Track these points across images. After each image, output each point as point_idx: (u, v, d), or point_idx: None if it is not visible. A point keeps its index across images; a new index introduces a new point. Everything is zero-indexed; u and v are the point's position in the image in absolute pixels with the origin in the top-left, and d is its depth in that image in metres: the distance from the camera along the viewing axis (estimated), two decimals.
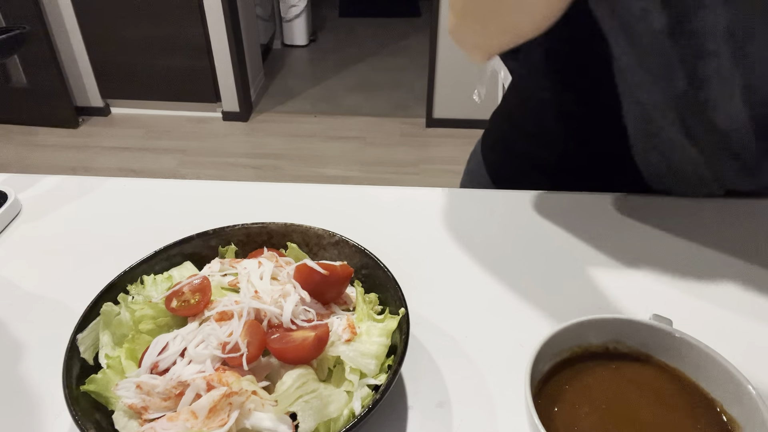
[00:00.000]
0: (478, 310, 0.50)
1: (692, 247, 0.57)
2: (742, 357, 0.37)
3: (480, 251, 0.57)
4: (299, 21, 4.08)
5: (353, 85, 3.63)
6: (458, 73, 2.91)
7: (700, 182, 0.61)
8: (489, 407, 0.41)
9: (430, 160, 2.84)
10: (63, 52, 2.98)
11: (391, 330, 0.40)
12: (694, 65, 0.48)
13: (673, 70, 0.49)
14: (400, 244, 0.57)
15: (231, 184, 0.67)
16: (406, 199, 0.65)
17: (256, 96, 3.39)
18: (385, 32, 4.45)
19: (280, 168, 2.80)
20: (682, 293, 0.52)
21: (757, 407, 0.31)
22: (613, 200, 0.63)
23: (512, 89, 0.74)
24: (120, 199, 0.65)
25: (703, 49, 0.46)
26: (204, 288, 0.41)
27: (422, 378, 0.44)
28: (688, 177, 0.61)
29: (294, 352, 0.38)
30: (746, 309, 0.50)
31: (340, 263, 0.44)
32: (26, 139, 2.99)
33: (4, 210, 0.60)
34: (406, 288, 0.43)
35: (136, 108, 3.23)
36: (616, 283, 0.53)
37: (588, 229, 0.59)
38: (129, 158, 2.88)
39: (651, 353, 0.37)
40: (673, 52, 0.48)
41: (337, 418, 0.36)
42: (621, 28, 0.49)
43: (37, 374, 0.44)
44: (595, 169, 0.66)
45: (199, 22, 2.87)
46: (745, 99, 0.49)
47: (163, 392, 0.36)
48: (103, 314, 0.41)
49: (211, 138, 3.06)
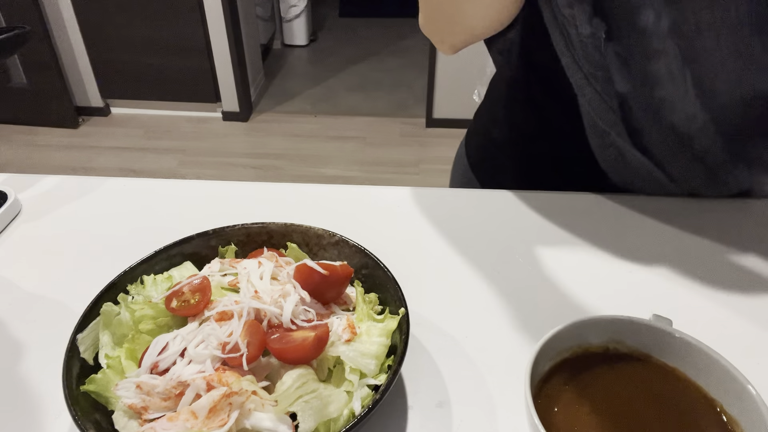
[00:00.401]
0: (478, 310, 0.50)
1: (692, 247, 0.57)
2: (742, 357, 0.37)
3: (480, 251, 0.57)
4: (299, 21, 4.08)
5: (353, 85, 3.63)
6: (458, 73, 2.91)
7: (657, 183, 0.61)
8: (489, 407, 0.41)
9: (430, 160, 2.84)
10: (63, 52, 2.98)
11: (391, 330, 0.40)
12: (643, 65, 0.48)
13: (612, 72, 0.50)
14: (400, 244, 0.57)
15: (231, 184, 0.67)
16: (406, 199, 0.65)
17: (256, 96, 3.39)
18: (385, 32, 4.45)
19: (280, 168, 2.80)
20: (682, 293, 0.52)
21: (757, 407, 0.31)
22: (613, 200, 0.63)
23: (493, 83, 0.75)
24: (120, 199, 0.65)
25: (650, 48, 0.47)
26: (204, 288, 0.41)
27: (422, 378, 0.44)
28: (644, 176, 0.61)
29: (294, 352, 0.38)
30: (746, 309, 0.50)
31: (340, 263, 0.44)
32: (26, 139, 2.99)
33: (4, 210, 0.60)
34: (406, 288, 0.43)
35: (136, 108, 3.23)
36: (616, 283, 0.53)
37: (588, 229, 0.59)
38: (129, 158, 2.88)
39: (651, 353, 0.37)
40: (611, 54, 0.48)
41: (337, 418, 0.36)
42: (558, 30, 0.52)
43: (37, 374, 0.44)
44: (570, 165, 0.67)
45: (199, 22, 2.87)
46: (701, 99, 0.49)
47: (163, 392, 0.36)
48: (103, 314, 0.40)
49: (211, 138, 3.06)
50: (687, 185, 0.61)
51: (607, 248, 0.57)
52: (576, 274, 0.54)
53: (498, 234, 0.59)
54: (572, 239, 0.58)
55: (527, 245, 0.58)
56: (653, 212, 0.61)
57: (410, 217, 0.62)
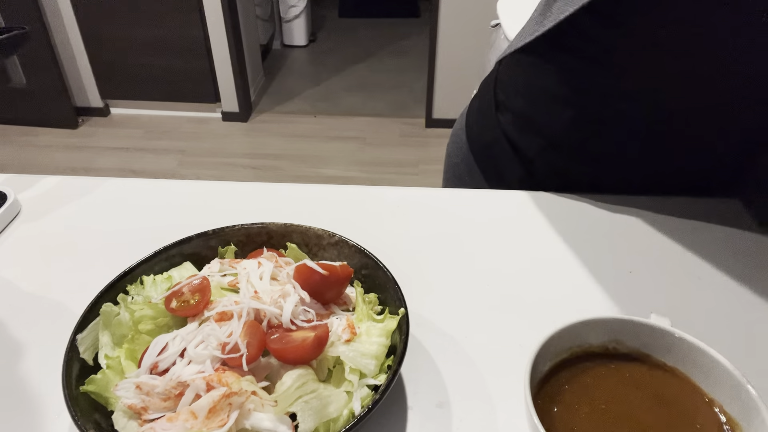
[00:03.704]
0: (478, 310, 0.50)
1: (692, 247, 0.57)
2: (742, 357, 0.37)
3: (480, 251, 0.57)
4: (299, 21, 4.08)
5: (353, 86, 3.63)
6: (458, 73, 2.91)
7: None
8: (489, 407, 0.41)
9: (430, 160, 2.84)
10: (62, 52, 2.98)
11: (391, 330, 0.40)
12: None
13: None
14: (400, 244, 0.57)
15: (231, 184, 0.67)
16: (406, 199, 0.65)
17: (255, 96, 3.39)
18: (385, 32, 4.45)
19: (279, 168, 2.80)
20: (682, 293, 0.52)
21: (757, 407, 0.31)
22: (612, 200, 0.63)
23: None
24: (120, 200, 0.65)
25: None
26: (203, 288, 0.41)
27: (422, 378, 0.44)
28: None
29: (294, 353, 0.38)
30: (746, 309, 0.50)
31: (339, 263, 0.44)
32: (26, 139, 2.99)
33: (3, 210, 0.60)
34: (406, 288, 0.43)
35: (136, 108, 3.23)
36: (616, 283, 0.53)
37: (588, 229, 0.59)
38: (129, 158, 2.88)
39: (651, 353, 0.37)
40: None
41: (337, 418, 0.36)
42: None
43: (36, 374, 0.44)
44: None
45: (199, 22, 2.87)
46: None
47: (163, 393, 0.36)
48: (103, 314, 0.40)
49: (210, 138, 3.06)
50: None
51: (607, 248, 0.57)
52: (576, 274, 0.54)
53: (498, 234, 0.59)
54: (572, 239, 0.58)
55: (527, 245, 0.58)
56: (653, 212, 0.61)
57: (410, 217, 0.62)
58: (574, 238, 0.58)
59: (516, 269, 0.54)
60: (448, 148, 0.86)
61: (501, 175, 0.72)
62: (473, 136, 0.77)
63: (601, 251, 0.57)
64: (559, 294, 0.51)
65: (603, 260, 0.55)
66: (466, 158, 0.78)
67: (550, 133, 0.65)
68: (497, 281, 0.53)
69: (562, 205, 0.63)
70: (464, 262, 0.55)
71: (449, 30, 2.81)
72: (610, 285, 0.52)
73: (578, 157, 0.65)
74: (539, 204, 0.63)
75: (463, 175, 0.79)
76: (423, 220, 0.62)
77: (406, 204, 0.64)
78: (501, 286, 0.52)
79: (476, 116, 0.77)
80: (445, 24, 2.80)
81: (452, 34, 2.81)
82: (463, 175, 0.80)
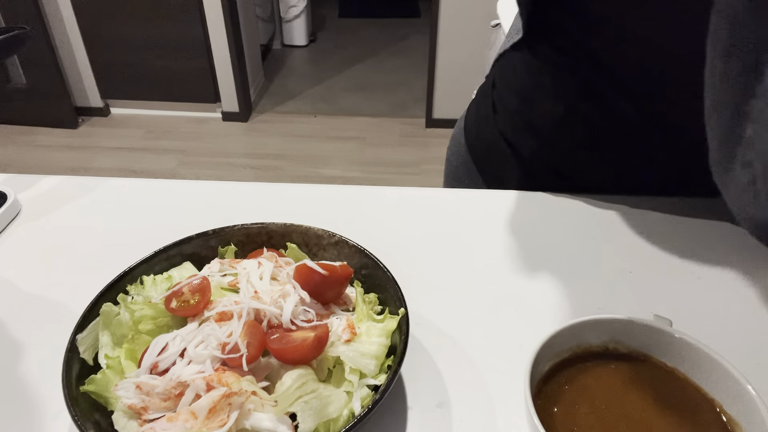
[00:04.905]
0: (478, 310, 0.50)
1: (692, 247, 0.57)
2: (742, 357, 0.37)
3: (480, 251, 0.57)
4: (299, 21, 4.08)
5: (353, 86, 3.63)
6: (458, 73, 2.91)
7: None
8: (489, 407, 0.41)
9: (430, 160, 2.85)
10: (62, 52, 2.98)
11: (391, 330, 0.40)
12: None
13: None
14: (400, 244, 0.57)
15: (231, 184, 0.67)
16: (406, 199, 0.65)
17: (255, 96, 3.39)
18: (385, 32, 4.45)
19: (279, 168, 2.80)
20: (682, 293, 0.52)
21: (757, 407, 0.31)
22: (612, 200, 0.63)
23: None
24: (120, 200, 0.65)
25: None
26: (203, 288, 0.41)
27: (422, 378, 0.44)
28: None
29: (294, 353, 0.38)
30: (746, 309, 0.50)
31: (339, 263, 0.44)
32: (26, 139, 2.99)
33: (3, 210, 0.60)
34: (406, 288, 0.43)
35: (136, 108, 3.23)
36: (616, 283, 0.53)
37: (588, 229, 0.59)
38: (129, 158, 2.88)
39: (651, 353, 0.37)
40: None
41: (337, 418, 0.36)
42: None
43: (36, 374, 0.44)
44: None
45: (199, 22, 2.87)
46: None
47: (163, 393, 0.36)
48: (103, 314, 0.40)
49: (210, 138, 3.06)
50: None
51: (607, 248, 0.57)
52: (576, 274, 0.54)
53: (498, 234, 0.59)
54: (572, 239, 0.58)
55: (527, 245, 0.58)
56: (653, 212, 0.61)
57: (410, 217, 0.62)
58: (574, 238, 0.58)
59: (516, 269, 0.54)
60: (447, 151, 0.86)
61: (500, 177, 0.73)
62: (471, 140, 0.77)
63: (601, 251, 0.57)
64: (559, 294, 0.51)
65: (603, 260, 0.55)
66: (465, 161, 0.78)
67: (544, 132, 0.66)
68: (497, 281, 0.53)
69: (562, 205, 0.63)
70: (464, 262, 0.55)
71: (449, 30, 2.81)
72: (610, 285, 0.52)
73: (573, 156, 0.65)
74: (539, 204, 0.63)
75: (463, 178, 0.80)
76: (423, 220, 0.62)
77: (406, 204, 0.64)
78: (501, 286, 0.52)
79: (474, 119, 0.77)
80: (445, 24, 2.80)
81: (452, 34, 2.82)
82: (462, 178, 0.80)
